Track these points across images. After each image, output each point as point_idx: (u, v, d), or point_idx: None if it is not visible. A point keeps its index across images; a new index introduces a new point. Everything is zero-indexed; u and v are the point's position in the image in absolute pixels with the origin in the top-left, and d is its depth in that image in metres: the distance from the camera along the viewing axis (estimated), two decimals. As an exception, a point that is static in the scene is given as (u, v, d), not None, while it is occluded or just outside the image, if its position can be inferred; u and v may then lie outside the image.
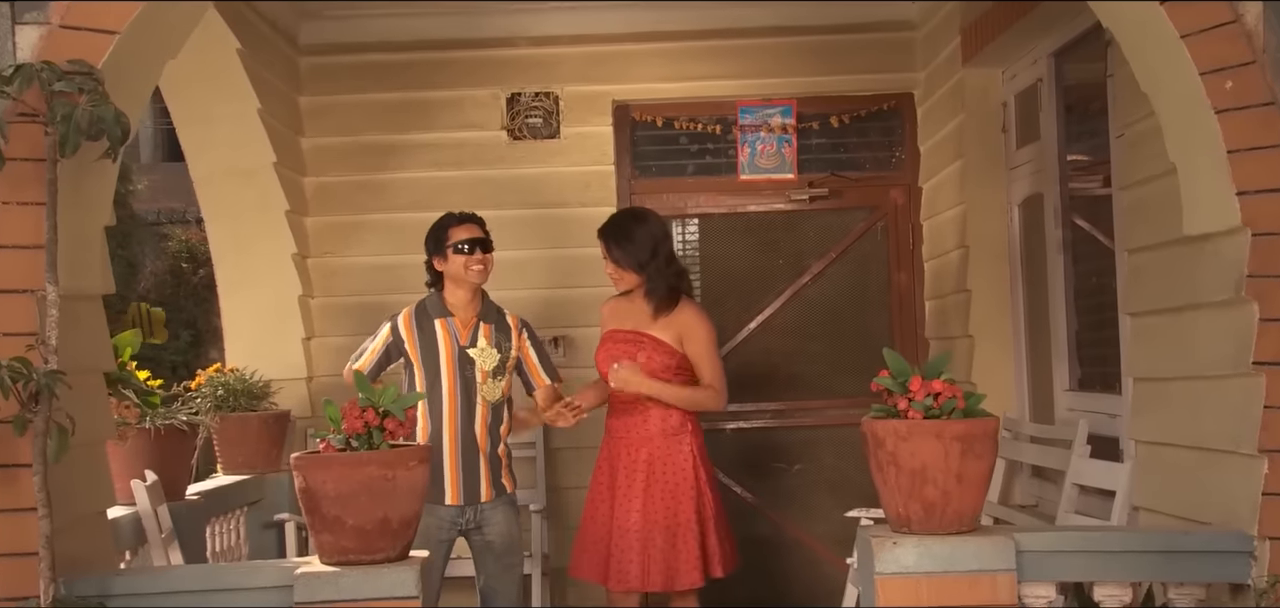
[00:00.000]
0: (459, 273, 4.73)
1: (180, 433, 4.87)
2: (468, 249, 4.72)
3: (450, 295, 4.77)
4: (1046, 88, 5.32)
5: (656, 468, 4.75)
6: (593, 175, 6.55)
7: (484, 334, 4.74)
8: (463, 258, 4.71)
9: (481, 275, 4.75)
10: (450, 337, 4.71)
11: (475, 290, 4.78)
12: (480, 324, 4.75)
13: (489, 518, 4.74)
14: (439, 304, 4.77)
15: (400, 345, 4.76)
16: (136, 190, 12.01)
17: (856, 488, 6.48)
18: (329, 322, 6.43)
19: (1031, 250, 5.70)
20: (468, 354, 4.68)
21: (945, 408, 3.33)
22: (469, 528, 4.75)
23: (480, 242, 4.77)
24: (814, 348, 6.74)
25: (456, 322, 4.73)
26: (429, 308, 4.78)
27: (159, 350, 11.51)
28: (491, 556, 4.78)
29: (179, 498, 4.88)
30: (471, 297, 4.77)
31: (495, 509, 4.75)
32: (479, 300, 4.80)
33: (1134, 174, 3.99)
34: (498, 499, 4.76)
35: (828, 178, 6.64)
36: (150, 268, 12.55)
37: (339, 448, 3.40)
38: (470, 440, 4.68)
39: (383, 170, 6.52)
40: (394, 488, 3.34)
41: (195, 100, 5.77)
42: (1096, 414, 4.78)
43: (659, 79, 6.58)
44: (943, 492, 3.31)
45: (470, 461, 4.69)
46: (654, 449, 4.77)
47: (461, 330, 4.72)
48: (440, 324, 4.72)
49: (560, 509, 6.39)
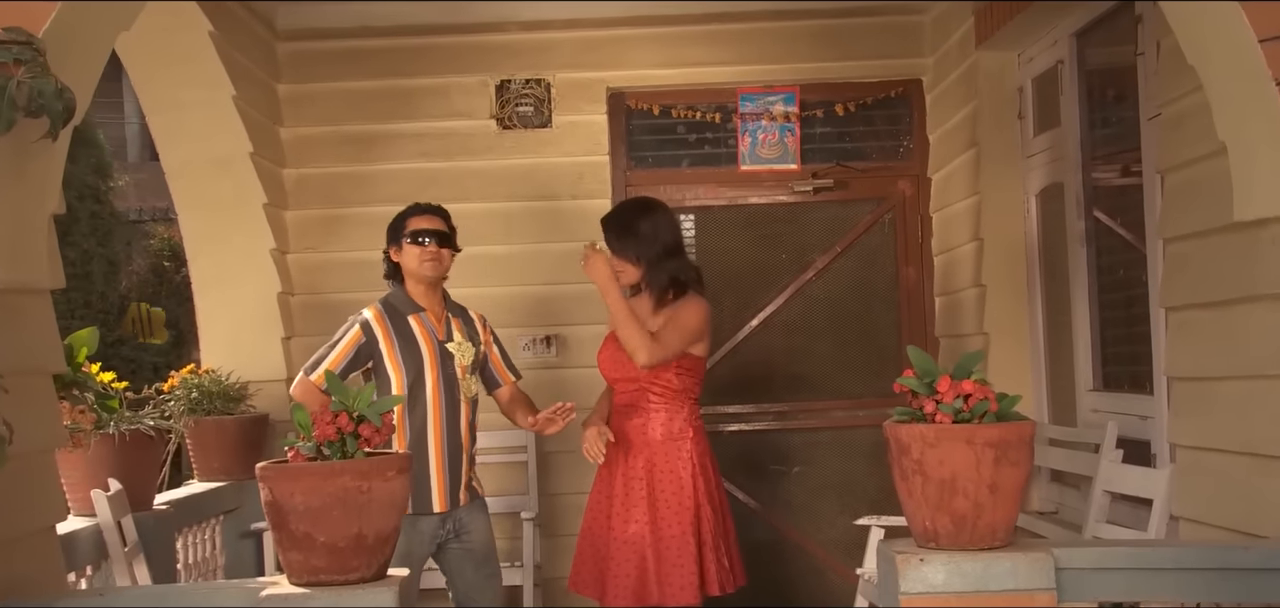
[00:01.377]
0: (413, 265, 4.52)
1: (147, 439, 4.57)
2: (424, 240, 4.51)
3: (413, 290, 4.56)
4: (1067, 70, 5.03)
5: (656, 477, 4.47)
6: (586, 166, 6.28)
7: (456, 328, 4.56)
8: (417, 250, 4.51)
9: (435, 270, 4.53)
10: (428, 332, 4.49)
11: (434, 286, 4.57)
12: (450, 319, 4.57)
13: (467, 524, 4.53)
14: (407, 299, 4.55)
15: (373, 347, 4.50)
16: (117, 187, 11.70)
17: (863, 493, 6.31)
18: (310, 320, 6.16)
19: (1050, 243, 5.41)
20: (447, 349, 4.48)
21: (976, 411, 3.03)
22: (447, 538, 4.51)
23: (438, 234, 4.54)
24: (818, 346, 6.49)
25: (430, 316, 4.52)
26: (398, 304, 4.55)
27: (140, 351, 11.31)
28: (471, 564, 4.55)
29: (146, 508, 4.58)
30: (432, 291, 4.56)
31: (473, 514, 4.55)
32: (440, 296, 4.60)
33: (1174, 157, 3.69)
34: (474, 502, 4.56)
35: (832, 168, 6.37)
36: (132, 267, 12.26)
37: (309, 457, 3.09)
38: (456, 441, 4.47)
39: (366, 161, 6.26)
40: (370, 501, 3.04)
41: (166, 87, 5.48)
42: (1125, 416, 4.48)
43: (655, 65, 6.32)
44: (974, 503, 3.01)
45: (455, 462, 4.48)
46: (654, 455, 4.48)
47: (436, 325, 4.52)
48: (415, 320, 4.50)
49: (553, 517, 6.13)
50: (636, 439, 4.50)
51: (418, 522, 4.41)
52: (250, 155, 5.72)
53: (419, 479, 4.42)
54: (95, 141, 11.25)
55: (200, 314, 6.04)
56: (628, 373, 4.53)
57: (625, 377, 4.55)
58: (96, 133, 11.30)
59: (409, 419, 4.45)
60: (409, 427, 4.45)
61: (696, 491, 4.45)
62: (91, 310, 10.92)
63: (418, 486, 4.42)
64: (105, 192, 11.34)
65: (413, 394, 4.44)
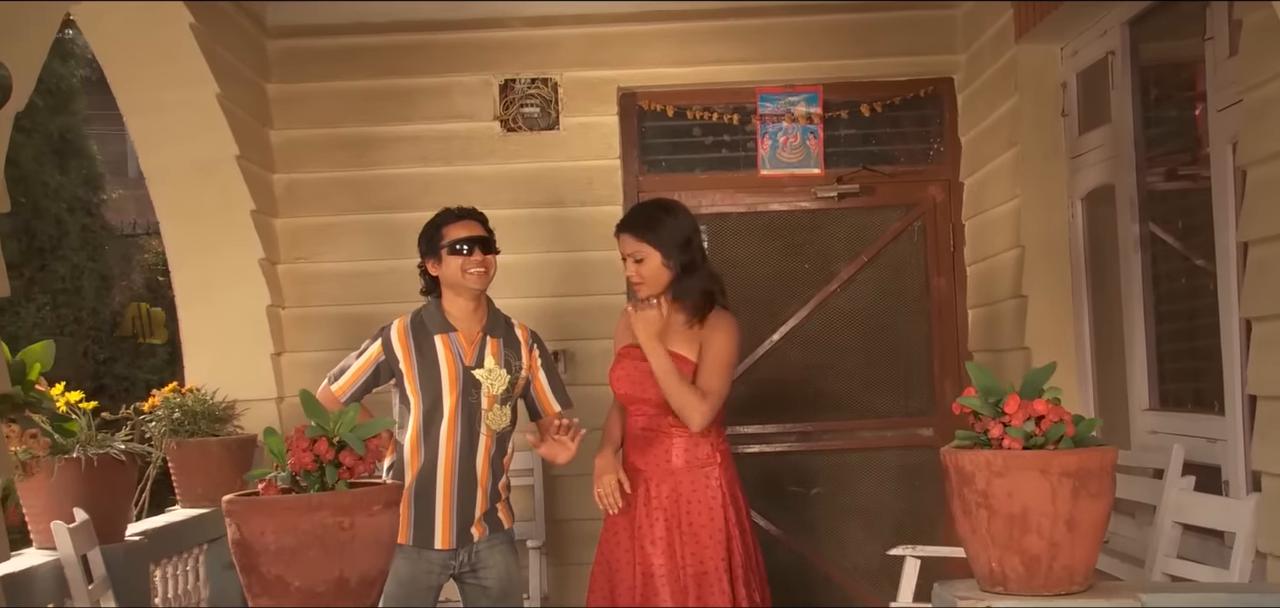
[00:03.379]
0: (456, 278, 4.14)
1: (119, 464, 4.20)
2: (465, 249, 4.14)
3: (450, 305, 4.19)
4: (1119, 62, 4.63)
5: (683, 507, 4.08)
6: (595, 171, 5.93)
7: (491, 351, 4.16)
8: (459, 260, 4.13)
9: (482, 280, 4.16)
10: (454, 356, 4.12)
11: (478, 298, 4.19)
12: (487, 339, 4.17)
13: (484, 560, 4.17)
14: (439, 316, 4.17)
15: (393, 364, 4.16)
16: (109, 200, 11.37)
17: (892, 518, 5.99)
18: (302, 335, 5.84)
19: (1097, 249, 5.02)
20: (474, 376, 4.10)
21: (1051, 436, 2.64)
22: (462, 571, 4.18)
23: (480, 240, 4.18)
24: (843, 362, 6.13)
25: (460, 338, 4.15)
26: (427, 321, 4.19)
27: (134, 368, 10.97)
28: (485, 602, 4.21)
29: (117, 539, 4.22)
30: (475, 306, 4.19)
31: (492, 550, 4.18)
32: (484, 311, 4.22)
33: (1258, 149, 3.30)
34: (493, 536, 4.19)
35: (858, 173, 6.02)
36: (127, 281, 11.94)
37: (283, 489, 2.72)
38: (469, 475, 4.11)
39: (361, 166, 5.92)
40: (352, 539, 2.66)
41: (144, 84, 5.13)
42: (1190, 438, 4.08)
43: (669, 63, 5.98)
44: (1049, 542, 2.62)
45: (467, 497, 4.12)
46: (679, 484, 4.10)
47: (466, 348, 4.14)
48: (442, 340, 4.13)
49: (562, 544, 5.77)
50: (658, 467, 4.12)
51: (424, 553, 4.10)
52: (237, 159, 5.38)
53: (424, 512, 4.11)
54: (86, 152, 10.94)
55: (184, 329, 5.71)
56: (648, 393, 4.13)
57: (645, 398, 4.15)
58: (88, 143, 10.99)
59: (423, 447, 4.12)
60: (423, 455, 4.12)
61: (727, 520, 4.09)
62: (82, 327, 10.60)
63: (422, 518, 4.11)
64: (97, 204, 11.03)
65: (428, 421, 4.11)
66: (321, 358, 5.15)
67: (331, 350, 5.07)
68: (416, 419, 4.13)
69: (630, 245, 4.16)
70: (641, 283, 4.16)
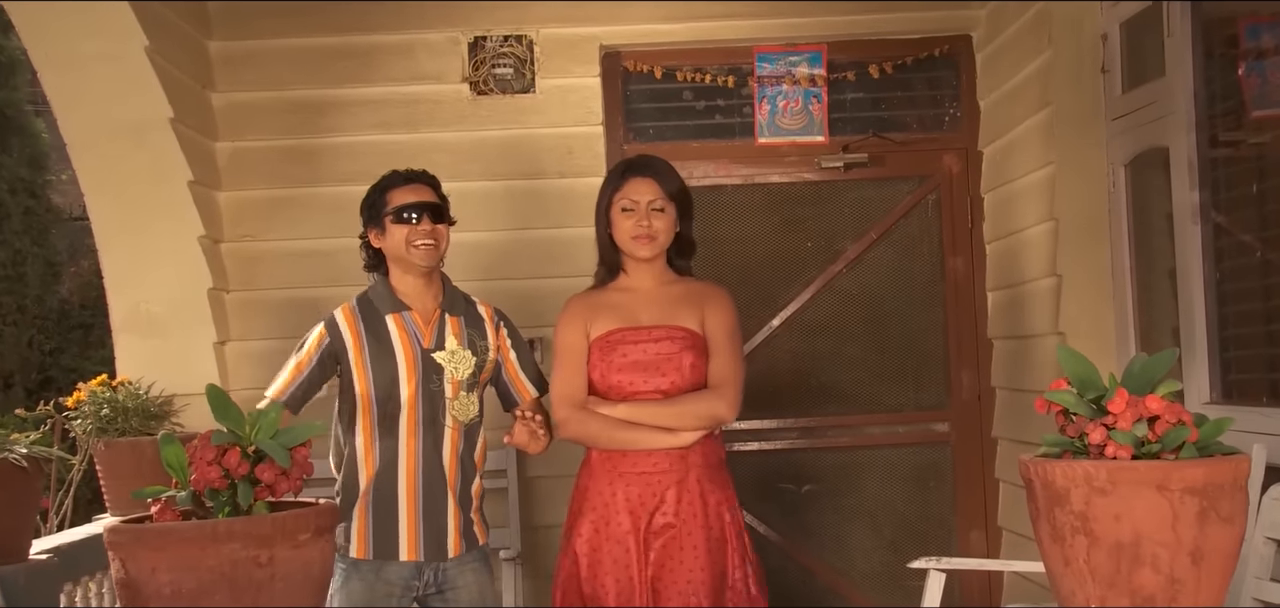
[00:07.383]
0: (400, 250, 3.65)
1: (19, 471, 3.61)
2: (413, 217, 3.64)
3: (399, 282, 3.70)
4: (1175, 9, 4.08)
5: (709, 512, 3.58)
6: (576, 138, 5.44)
7: (452, 331, 3.67)
8: (405, 229, 3.64)
9: (431, 254, 3.65)
10: (410, 337, 3.62)
11: (429, 274, 3.69)
12: (446, 318, 3.68)
13: (453, 580, 3.65)
14: (388, 295, 3.67)
15: (340, 353, 3.64)
16: (55, 181, 10.76)
17: (903, 522, 5.53)
18: (249, 322, 5.32)
19: (1141, 222, 4.48)
20: (434, 360, 3.60)
21: (1169, 442, 2.07)
22: (427, 593, 3.64)
23: (430, 208, 3.67)
24: (850, 351, 5.64)
25: (415, 317, 3.64)
26: (376, 300, 3.68)
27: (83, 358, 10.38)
28: None
29: (18, 559, 3.63)
30: (427, 283, 3.69)
31: (463, 569, 3.67)
32: (438, 287, 3.73)
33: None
34: (467, 554, 3.67)
35: (866, 140, 5.53)
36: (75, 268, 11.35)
37: (183, 513, 2.12)
38: (436, 476, 3.60)
39: (316, 133, 5.41)
40: (272, 578, 2.08)
41: (60, 35, 4.57)
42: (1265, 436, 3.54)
43: (657, 19, 5.48)
44: (1168, 579, 2.05)
45: (435, 503, 3.61)
46: (703, 485, 3.60)
47: (423, 328, 3.63)
48: (394, 321, 3.63)
49: (538, 554, 5.25)
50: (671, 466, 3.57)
51: (384, 569, 3.57)
52: (171, 122, 4.82)
53: (384, 520, 3.58)
54: (31, 130, 10.32)
55: (114, 315, 5.14)
56: (656, 383, 3.60)
57: (653, 389, 3.61)
58: (33, 120, 10.36)
59: (378, 445, 3.59)
60: (378, 454, 3.59)
61: (739, 524, 3.65)
62: (26, 316, 10.02)
63: (383, 527, 3.58)
64: (41, 186, 10.42)
65: (384, 414, 3.59)
66: (269, 347, 4.80)
67: (281, 338, 4.59)
68: (367, 414, 3.60)
69: (651, 191, 3.66)
70: (653, 238, 3.65)
